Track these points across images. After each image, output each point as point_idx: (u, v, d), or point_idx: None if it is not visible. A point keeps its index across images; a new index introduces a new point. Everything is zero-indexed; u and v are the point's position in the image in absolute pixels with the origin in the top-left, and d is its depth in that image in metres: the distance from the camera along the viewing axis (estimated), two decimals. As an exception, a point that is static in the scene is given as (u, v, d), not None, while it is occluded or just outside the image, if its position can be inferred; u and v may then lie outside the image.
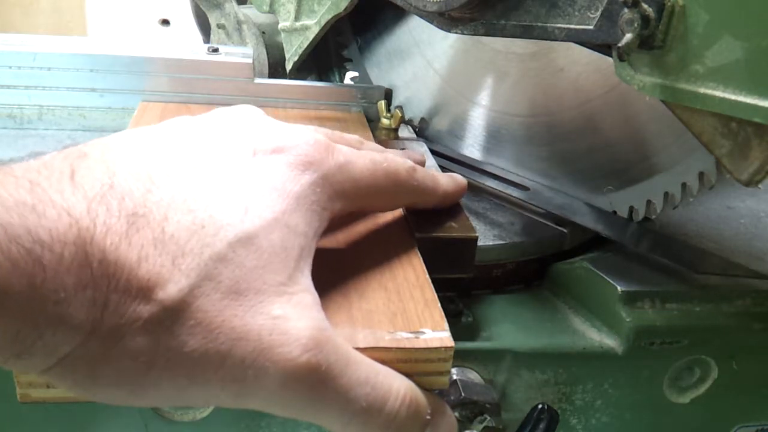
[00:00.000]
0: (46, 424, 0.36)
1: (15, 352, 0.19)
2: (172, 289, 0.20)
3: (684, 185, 0.39)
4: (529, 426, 0.34)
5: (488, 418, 0.34)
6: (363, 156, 0.28)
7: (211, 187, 0.22)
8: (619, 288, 0.37)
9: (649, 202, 0.41)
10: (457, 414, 0.34)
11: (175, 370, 0.20)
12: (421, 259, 0.30)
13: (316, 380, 0.21)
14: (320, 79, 0.60)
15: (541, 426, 0.34)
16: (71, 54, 0.48)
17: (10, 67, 0.48)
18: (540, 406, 0.35)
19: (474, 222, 0.43)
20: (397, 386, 0.23)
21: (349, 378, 0.22)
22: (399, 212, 0.34)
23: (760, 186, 0.54)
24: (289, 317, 0.21)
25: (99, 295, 0.19)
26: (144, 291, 0.20)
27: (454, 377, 0.35)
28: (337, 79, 0.58)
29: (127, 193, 0.21)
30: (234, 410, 0.36)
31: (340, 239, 0.31)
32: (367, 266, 0.29)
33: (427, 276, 0.29)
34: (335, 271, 0.28)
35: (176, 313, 0.20)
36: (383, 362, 0.24)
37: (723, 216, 0.48)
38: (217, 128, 0.26)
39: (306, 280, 0.23)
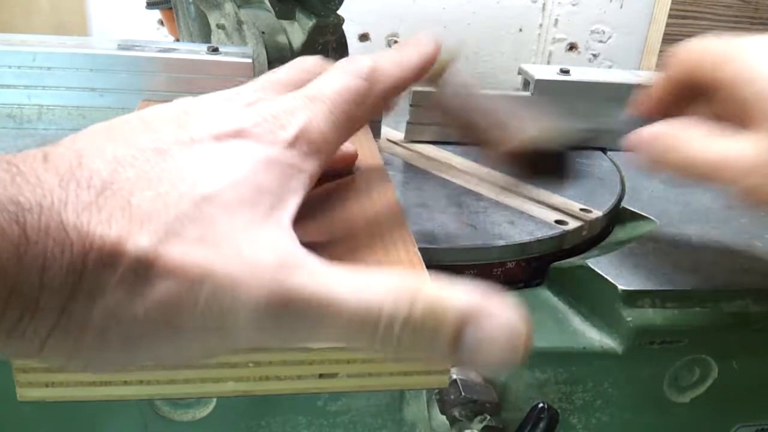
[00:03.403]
0: (46, 424, 0.36)
1: (5, 329, 0.20)
2: (141, 242, 0.21)
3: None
4: (529, 425, 0.34)
5: (488, 417, 0.34)
6: (316, 100, 0.27)
7: (177, 165, 0.23)
8: (619, 287, 0.37)
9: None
10: (456, 413, 0.34)
11: (157, 320, 0.21)
12: (420, 258, 0.30)
13: (293, 305, 0.22)
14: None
15: (541, 425, 0.34)
16: (71, 54, 0.48)
17: (10, 67, 0.48)
18: (540, 405, 0.35)
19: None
20: (394, 288, 0.22)
21: (327, 295, 0.22)
22: (399, 213, 0.34)
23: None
24: (258, 252, 0.22)
25: (77, 257, 0.20)
26: (116, 246, 0.21)
27: (454, 376, 0.35)
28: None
29: (95, 171, 0.22)
30: (234, 410, 0.36)
31: (338, 239, 0.31)
32: (366, 265, 0.29)
33: (427, 275, 0.29)
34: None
35: (147, 263, 0.21)
36: (383, 361, 0.24)
37: (723, 216, 0.48)
38: (180, 113, 0.26)
39: (279, 231, 0.23)
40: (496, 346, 0.22)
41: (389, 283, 0.22)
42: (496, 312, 0.22)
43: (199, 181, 0.23)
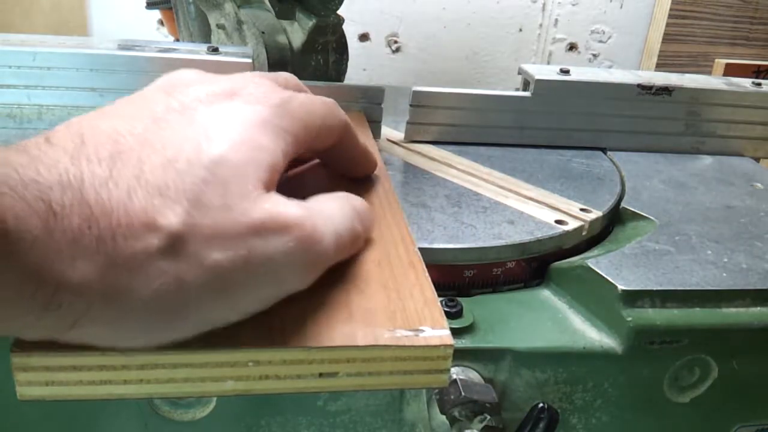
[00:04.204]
0: (46, 423, 0.36)
1: (41, 302, 0.20)
2: (171, 217, 0.22)
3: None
4: (529, 425, 0.34)
5: (488, 417, 0.34)
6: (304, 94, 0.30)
7: (174, 131, 0.24)
8: (619, 287, 0.37)
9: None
10: (456, 413, 0.34)
11: (207, 285, 0.22)
12: (420, 257, 0.30)
13: (312, 244, 0.25)
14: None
15: (541, 425, 0.34)
16: (71, 54, 0.48)
17: (10, 67, 0.48)
18: (540, 405, 0.35)
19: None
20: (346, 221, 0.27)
21: (332, 232, 0.26)
22: (399, 212, 0.34)
23: (759, 186, 0.54)
24: (278, 205, 0.24)
25: (105, 232, 0.21)
26: (145, 223, 0.21)
27: (454, 376, 0.35)
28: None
29: (100, 145, 0.23)
30: (234, 410, 0.36)
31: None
32: (367, 265, 0.29)
33: (427, 275, 0.29)
34: (335, 270, 0.28)
35: (183, 236, 0.22)
36: (383, 360, 0.24)
37: (723, 216, 0.48)
38: (171, 86, 0.27)
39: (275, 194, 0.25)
40: None
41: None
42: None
43: (203, 145, 0.24)
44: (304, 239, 0.24)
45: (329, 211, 0.27)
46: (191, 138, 0.24)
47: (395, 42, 1.37)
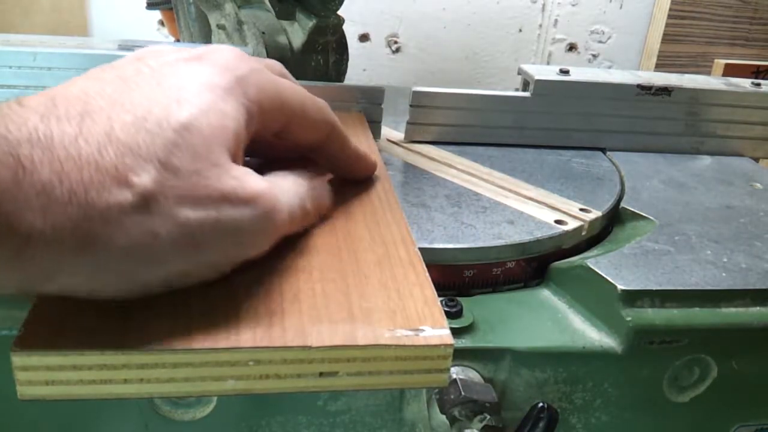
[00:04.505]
0: (46, 423, 0.36)
1: (14, 253, 0.21)
2: (144, 176, 0.23)
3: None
4: (529, 425, 0.34)
5: (488, 416, 0.34)
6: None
7: (143, 92, 0.25)
8: (618, 287, 0.37)
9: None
10: (456, 413, 0.34)
11: (178, 240, 0.24)
12: (420, 257, 0.30)
13: (273, 214, 0.27)
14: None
15: (541, 425, 0.34)
16: (71, 54, 0.48)
17: (10, 67, 0.48)
18: (540, 404, 0.35)
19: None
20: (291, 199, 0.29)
21: (288, 206, 0.28)
22: (399, 212, 0.34)
23: (759, 186, 0.55)
24: (246, 176, 0.26)
25: (77, 186, 0.21)
26: (117, 178, 0.22)
27: (454, 376, 0.35)
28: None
29: (70, 104, 0.23)
30: (234, 410, 0.36)
31: (339, 239, 0.31)
32: (367, 265, 0.29)
33: (427, 274, 0.29)
34: (335, 270, 0.28)
35: (155, 195, 0.23)
36: (383, 360, 0.24)
37: (723, 216, 0.48)
38: (143, 54, 0.28)
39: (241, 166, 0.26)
40: None
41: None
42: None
43: (173, 108, 0.25)
44: (267, 210, 0.26)
45: (287, 186, 0.29)
46: (160, 100, 0.25)
47: (395, 42, 1.37)
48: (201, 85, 0.26)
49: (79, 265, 0.22)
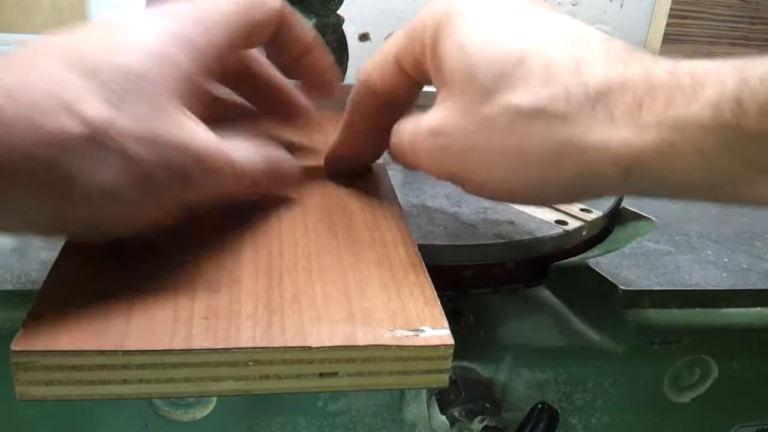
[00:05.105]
0: (46, 424, 0.36)
1: None
2: (94, 111, 0.23)
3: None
4: (529, 425, 0.34)
5: (488, 417, 0.34)
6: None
7: (94, 40, 0.26)
8: (619, 287, 0.37)
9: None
10: (456, 413, 0.34)
11: (134, 177, 0.24)
12: (420, 257, 0.30)
13: (220, 160, 0.27)
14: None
15: (541, 425, 0.34)
16: (71, 53, 0.48)
17: (10, 67, 0.47)
18: (540, 405, 0.35)
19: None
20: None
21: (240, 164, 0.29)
22: (399, 212, 0.34)
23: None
24: (193, 125, 0.27)
25: (27, 109, 0.22)
26: (68, 109, 0.23)
27: (454, 376, 0.35)
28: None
29: (23, 53, 0.25)
30: (234, 410, 0.36)
31: (339, 239, 0.31)
32: (366, 265, 0.29)
33: (427, 275, 0.29)
34: (335, 271, 0.28)
35: (107, 131, 0.24)
36: (383, 360, 0.24)
37: (723, 216, 0.48)
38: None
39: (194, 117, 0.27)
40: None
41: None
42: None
43: (124, 54, 0.25)
44: (216, 163, 0.27)
45: (241, 146, 0.29)
46: (111, 47, 0.26)
47: (395, 42, 1.37)
48: (151, 33, 0.27)
49: (39, 197, 0.23)
